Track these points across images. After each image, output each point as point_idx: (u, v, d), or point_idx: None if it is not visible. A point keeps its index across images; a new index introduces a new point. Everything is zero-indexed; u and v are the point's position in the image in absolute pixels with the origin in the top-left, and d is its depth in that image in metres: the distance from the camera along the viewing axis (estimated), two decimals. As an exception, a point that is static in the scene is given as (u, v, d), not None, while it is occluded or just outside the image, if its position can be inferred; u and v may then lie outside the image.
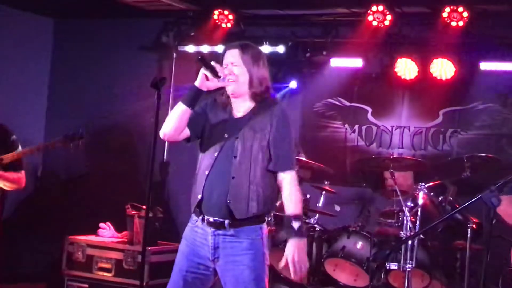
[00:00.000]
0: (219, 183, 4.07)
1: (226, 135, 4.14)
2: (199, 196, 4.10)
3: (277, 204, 6.57)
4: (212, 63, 4.06)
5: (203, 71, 4.06)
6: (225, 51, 4.23)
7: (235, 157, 4.07)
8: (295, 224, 4.09)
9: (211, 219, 4.08)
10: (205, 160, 4.15)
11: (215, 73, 4.04)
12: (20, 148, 5.46)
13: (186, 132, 4.19)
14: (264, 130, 4.13)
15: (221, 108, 4.24)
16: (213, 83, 4.08)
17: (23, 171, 5.43)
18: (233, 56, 4.16)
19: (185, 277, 4.14)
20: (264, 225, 4.16)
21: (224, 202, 4.04)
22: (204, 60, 4.03)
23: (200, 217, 4.12)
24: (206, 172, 4.09)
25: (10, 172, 5.33)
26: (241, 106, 4.21)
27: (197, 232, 4.15)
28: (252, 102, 4.21)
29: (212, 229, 4.09)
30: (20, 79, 5.38)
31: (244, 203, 4.06)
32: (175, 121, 4.13)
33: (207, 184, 4.09)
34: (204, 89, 4.09)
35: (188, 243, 4.19)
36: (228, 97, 4.20)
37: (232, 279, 4.10)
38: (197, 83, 4.08)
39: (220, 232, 4.09)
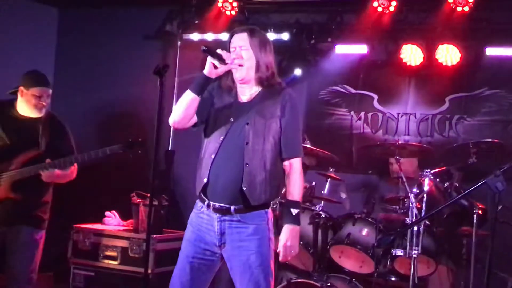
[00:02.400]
0: (227, 168, 4.08)
1: (231, 119, 4.14)
2: (205, 180, 4.11)
3: (282, 192, 6.60)
4: (218, 50, 4.06)
5: (210, 59, 4.05)
6: (232, 34, 4.24)
7: (247, 143, 4.08)
8: (294, 211, 4.15)
9: (217, 205, 4.10)
10: (211, 144, 4.16)
11: (222, 60, 4.04)
12: (72, 139, 5.45)
13: (194, 119, 4.20)
14: (274, 116, 4.15)
15: (226, 92, 4.25)
16: (221, 69, 4.08)
17: (75, 164, 5.41)
18: (241, 40, 4.17)
19: (191, 263, 4.16)
20: (269, 210, 4.18)
21: (234, 188, 4.06)
22: (209, 50, 4.02)
23: (205, 203, 4.13)
24: (212, 156, 4.11)
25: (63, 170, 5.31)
26: (247, 91, 4.23)
27: (203, 218, 4.17)
28: (258, 87, 4.22)
29: (218, 215, 4.11)
30: (25, 68, 5.37)
31: (259, 190, 4.09)
32: (184, 109, 4.15)
33: (213, 168, 4.10)
34: (213, 76, 4.10)
35: (194, 230, 4.20)
36: (234, 81, 4.21)
37: (238, 264, 4.12)
38: (205, 71, 4.08)
39: (226, 218, 4.11)
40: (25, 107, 5.26)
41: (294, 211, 4.14)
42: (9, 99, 5.35)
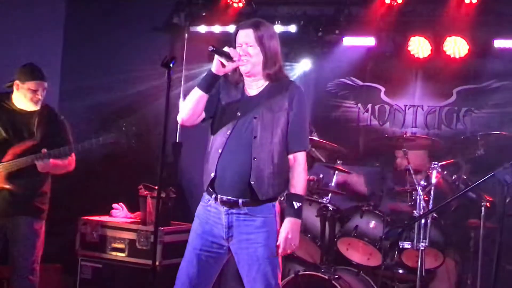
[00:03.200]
0: (235, 161, 4.08)
1: (238, 114, 4.14)
2: (212, 174, 4.11)
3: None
4: (225, 48, 4.05)
5: (218, 58, 4.04)
6: (237, 30, 4.21)
7: (255, 137, 4.08)
8: (296, 204, 4.14)
9: (224, 198, 4.10)
10: (218, 138, 4.16)
11: (230, 58, 4.03)
12: (68, 130, 5.46)
13: (202, 115, 4.21)
14: (282, 110, 4.14)
15: (233, 86, 4.24)
16: (229, 67, 4.07)
17: (73, 154, 5.42)
18: (247, 36, 4.14)
19: (198, 255, 4.17)
20: (277, 203, 4.18)
21: (242, 181, 4.06)
22: (217, 50, 4.01)
23: (213, 196, 4.14)
24: (219, 151, 4.10)
25: (60, 160, 5.32)
26: (255, 85, 4.23)
27: (210, 211, 4.17)
28: (265, 81, 4.21)
29: (226, 208, 4.11)
30: (31, 59, 5.39)
31: (267, 184, 4.09)
32: (192, 107, 4.15)
33: (221, 162, 4.10)
34: (221, 74, 4.09)
35: (201, 222, 4.21)
36: (241, 75, 4.20)
37: (246, 257, 4.12)
38: (213, 69, 4.07)
39: (234, 210, 4.11)
40: (21, 101, 5.30)
41: (296, 204, 4.13)
42: (6, 91, 5.37)
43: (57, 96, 8.42)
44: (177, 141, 7.96)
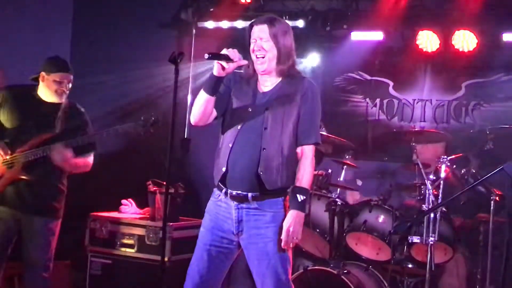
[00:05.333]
0: (244, 154, 4.09)
1: (250, 109, 4.15)
2: (223, 169, 4.11)
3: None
4: (224, 51, 4.02)
5: (217, 61, 4.03)
6: (252, 25, 4.20)
7: (265, 128, 4.09)
8: (300, 197, 4.13)
9: (234, 192, 4.11)
10: (229, 134, 4.16)
11: (229, 60, 4.01)
12: (90, 127, 5.46)
13: (214, 113, 4.21)
14: (294, 104, 4.15)
15: (245, 82, 4.25)
16: (230, 68, 4.06)
17: (93, 153, 5.44)
18: (261, 31, 4.14)
19: (209, 251, 4.17)
20: (287, 198, 4.16)
21: (250, 173, 4.07)
22: (213, 56, 3.98)
23: (223, 191, 4.14)
24: (230, 145, 4.11)
25: (80, 156, 5.32)
26: (268, 81, 4.23)
27: (221, 206, 4.18)
28: (278, 77, 4.21)
29: (236, 203, 4.12)
30: (40, 54, 5.40)
31: (275, 175, 4.10)
32: (201, 109, 4.14)
33: (231, 156, 4.10)
34: (223, 75, 4.07)
35: (211, 218, 4.22)
36: (254, 71, 4.20)
37: (256, 252, 4.13)
38: (214, 73, 4.05)
39: (244, 205, 4.11)
40: (46, 92, 5.29)
41: (300, 197, 4.11)
42: (32, 84, 5.38)
43: (69, 89, 8.45)
44: (185, 137, 7.97)
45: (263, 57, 4.13)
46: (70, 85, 5.36)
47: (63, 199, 5.41)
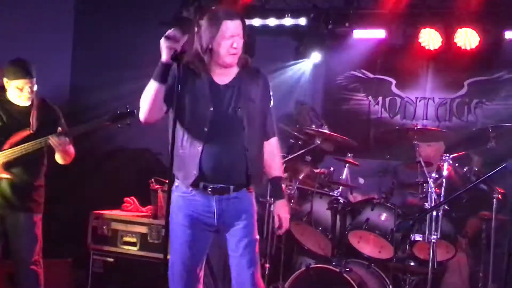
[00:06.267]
0: (227, 153, 4.08)
1: (213, 104, 4.09)
2: (195, 172, 4.07)
3: (301, 177, 6.59)
4: (169, 32, 3.99)
5: (166, 44, 3.95)
6: (224, 20, 4.07)
7: (244, 128, 4.11)
8: (283, 186, 4.47)
9: (217, 186, 4.11)
10: (191, 133, 4.10)
11: (175, 40, 3.94)
12: (63, 121, 5.48)
13: (163, 107, 4.12)
14: (259, 99, 4.20)
15: (195, 76, 4.15)
16: (179, 48, 3.95)
17: (71, 146, 5.48)
18: (238, 28, 4.09)
19: (190, 247, 4.16)
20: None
21: (239, 174, 4.12)
22: (169, 39, 3.95)
23: (201, 186, 4.11)
24: (200, 148, 4.05)
25: None
26: (227, 73, 4.18)
27: (197, 201, 4.15)
28: (236, 68, 4.21)
29: (216, 195, 4.13)
30: (41, 52, 5.41)
31: (261, 173, 4.26)
32: (151, 102, 4.05)
33: (206, 159, 4.05)
34: (172, 60, 3.95)
35: (185, 213, 4.16)
36: (210, 63, 4.12)
37: (235, 234, 4.18)
38: (163, 59, 3.96)
39: (224, 196, 4.15)
40: (13, 96, 5.37)
41: (283, 186, 4.42)
42: (2, 86, 5.43)
43: (67, 91, 8.46)
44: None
45: (235, 54, 4.09)
46: (35, 87, 5.38)
47: (43, 195, 5.48)
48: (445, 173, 5.81)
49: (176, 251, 4.20)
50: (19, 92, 5.31)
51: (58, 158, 5.41)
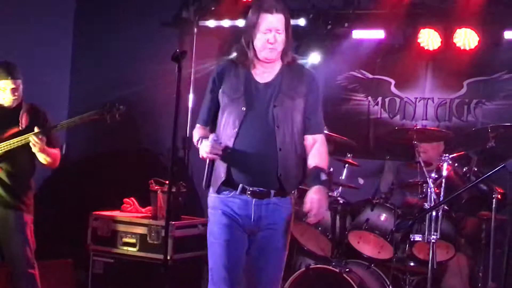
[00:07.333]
0: (258, 152, 3.98)
1: (248, 104, 4.03)
2: (222, 175, 4.03)
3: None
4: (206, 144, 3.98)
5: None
6: (264, 13, 3.99)
7: (278, 127, 3.99)
8: (324, 176, 4.04)
9: (257, 189, 4.02)
10: (226, 132, 4.06)
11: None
12: (49, 118, 5.56)
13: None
14: (301, 97, 4.07)
15: (238, 74, 4.11)
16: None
17: (58, 149, 5.52)
18: (278, 22, 3.99)
19: (228, 246, 4.06)
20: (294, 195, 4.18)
21: (269, 173, 3.99)
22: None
23: (239, 188, 4.04)
24: (229, 150, 3.99)
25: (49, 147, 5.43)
26: (269, 71, 4.11)
27: (235, 203, 4.07)
28: (279, 65, 4.12)
29: (256, 199, 4.04)
30: (42, 52, 5.42)
31: (294, 176, 4.07)
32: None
33: (235, 160, 4.00)
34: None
35: (224, 213, 4.09)
36: (248, 59, 4.07)
37: (267, 245, 4.10)
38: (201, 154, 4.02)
39: (264, 201, 4.04)
40: None
41: (323, 176, 4.04)
42: None
43: (67, 91, 8.46)
44: (187, 135, 7.96)
45: (274, 49, 4.01)
46: (21, 87, 5.42)
47: (32, 197, 5.51)
48: (444, 173, 5.81)
49: (215, 250, 4.08)
50: (2, 93, 5.36)
51: (40, 159, 5.44)
